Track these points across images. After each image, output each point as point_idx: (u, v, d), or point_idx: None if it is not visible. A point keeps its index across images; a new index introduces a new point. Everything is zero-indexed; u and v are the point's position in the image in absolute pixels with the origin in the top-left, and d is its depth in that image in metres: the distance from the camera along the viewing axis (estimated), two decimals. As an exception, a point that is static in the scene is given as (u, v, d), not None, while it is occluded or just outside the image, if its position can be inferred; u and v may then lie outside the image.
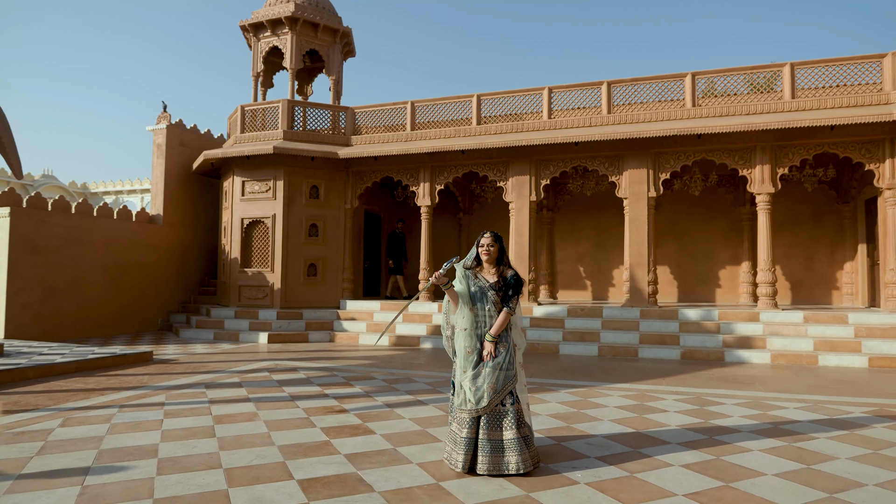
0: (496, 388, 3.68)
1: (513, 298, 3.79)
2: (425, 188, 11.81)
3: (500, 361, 3.72)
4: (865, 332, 8.77)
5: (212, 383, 6.74)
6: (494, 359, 3.73)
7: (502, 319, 3.75)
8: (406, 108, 12.12)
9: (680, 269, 12.59)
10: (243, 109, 12.51)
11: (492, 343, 3.75)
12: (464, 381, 3.76)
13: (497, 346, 3.76)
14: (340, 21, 13.06)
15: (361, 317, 11.67)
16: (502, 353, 3.75)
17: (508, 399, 3.71)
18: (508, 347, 3.78)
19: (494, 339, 3.75)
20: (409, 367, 8.19)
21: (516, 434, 3.63)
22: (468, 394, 3.71)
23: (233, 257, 12.11)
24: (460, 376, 3.81)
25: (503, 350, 3.75)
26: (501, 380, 3.69)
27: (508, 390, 3.72)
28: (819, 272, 11.71)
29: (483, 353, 3.77)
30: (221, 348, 10.03)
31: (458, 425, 3.76)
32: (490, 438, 3.63)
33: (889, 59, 9.18)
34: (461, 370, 3.82)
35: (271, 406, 5.57)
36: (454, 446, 3.75)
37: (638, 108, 10.55)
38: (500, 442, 3.63)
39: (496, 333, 3.75)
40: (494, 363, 3.72)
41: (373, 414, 5.30)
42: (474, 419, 3.70)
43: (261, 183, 12.00)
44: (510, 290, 3.80)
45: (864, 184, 10.64)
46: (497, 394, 3.68)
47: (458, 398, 3.79)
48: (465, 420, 3.71)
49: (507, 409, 3.70)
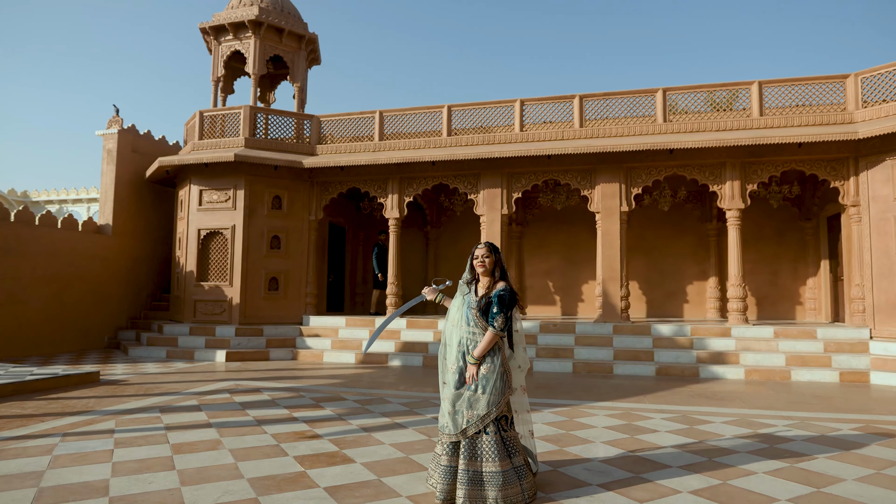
0: (475, 415, 3.38)
1: (497, 316, 3.45)
2: (394, 200, 11.46)
3: (483, 385, 3.42)
4: (834, 346, 8.84)
5: (167, 407, 6.17)
6: (476, 382, 3.43)
7: (487, 340, 3.44)
8: (374, 117, 11.78)
9: (648, 285, 12.59)
10: (202, 115, 11.93)
11: (474, 365, 3.45)
12: (444, 402, 3.50)
13: (480, 368, 3.45)
14: (306, 27, 12.67)
15: (326, 333, 11.16)
16: (485, 375, 3.44)
17: (491, 426, 3.39)
18: (495, 370, 3.46)
19: (477, 361, 3.45)
20: (381, 386, 7.77)
21: (498, 467, 3.30)
22: (446, 416, 3.44)
23: (188, 270, 11.43)
24: (443, 397, 3.55)
25: (487, 373, 3.44)
26: (482, 405, 3.38)
27: (492, 418, 3.39)
28: (783, 288, 11.88)
29: (466, 375, 3.48)
30: (175, 367, 9.36)
31: (441, 448, 3.47)
32: (469, 468, 3.32)
33: (852, 79, 9.42)
34: (444, 391, 3.57)
35: (236, 432, 5.08)
36: (435, 468, 3.48)
37: (610, 123, 10.52)
38: (479, 473, 3.31)
39: (479, 355, 3.45)
40: (476, 387, 3.42)
41: (349, 439, 4.88)
42: (453, 445, 3.40)
43: (220, 192, 11.40)
44: (494, 307, 3.47)
45: (827, 201, 10.87)
46: (477, 420, 3.37)
47: (440, 420, 3.52)
48: (446, 445, 3.43)
49: (489, 438, 3.37)
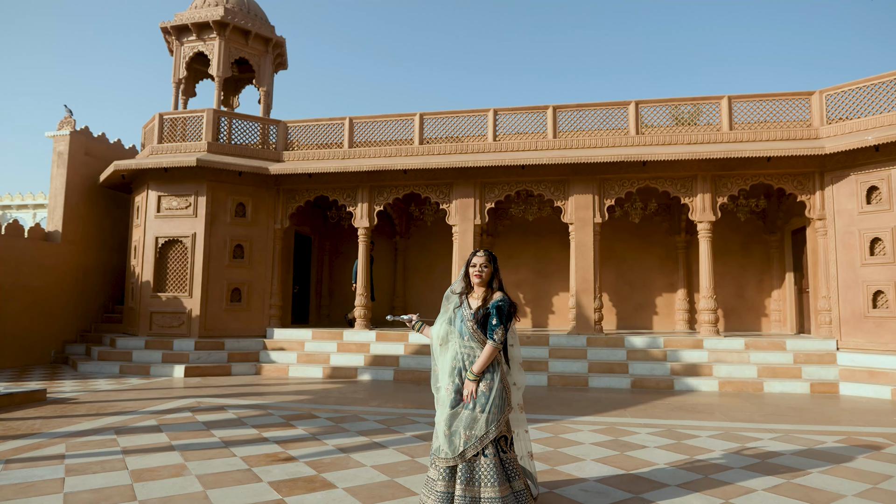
0: (474, 435, 3.13)
1: (497, 328, 3.22)
2: (363, 209, 11.14)
3: (483, 403, 3.18)
4: (804, 358, 8.96)
5: (123, 427, 5.69)
6: (475, 400, 3.19)
7: (487, 354, 3.21)
8: (344, 124, 11.48)
9: (618, 296, 12.60)
10: (162, 118, 11.38)
11: (473, 382, 3.21)
12: (439, 423, 3.23)
13: (479, 385, 3.22)
14: (273, 30, 12.31)
15: (291, 347, 10.71)
16: (485, 393, 3.20)
17: (490, 448, 3.15)
18: (494, 387, 3.23)
19: (476, 378, 3.21)
20: (353, 402, 7.43)
21: (498, 493, 3.06)
22: (441, 438, 3.18)
23: (144, 280, 10.82)
24: (438, 418, 3.27)
25: (486, 390, 3.21)
26: (481, 424, 3.14)
27: (491, 438, 3.16)
28: (749, 300, 12.07)
29: (463, 393, 3.23)
30: (130, 384, 8.78)
31: (435, 473, 3.20)
32: (466, 495, 3.07)
33: (817, 96, 9.66)
34: (440, 411, 3.29)
35: (202, 455, 4.68)
36: (428, 494, 3.19)
37: (583, 135, 10.51)
38: (476, 500, 3.07)
39: (478, 371, 3.21)
40: (475, 405, 3.18)
41: (327, 462, 4.55)
42: (450, 469, 3.14)
43: (180, 198, 10.87)
44: (493, 319, 3.24)
45: (791, 215, 11.11)
46: (476, 441, 3.13)
47: (435, 442, 3.24)
48: (441, 469, 3.16)
49: (488, 461, 3.13)
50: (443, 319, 3.42)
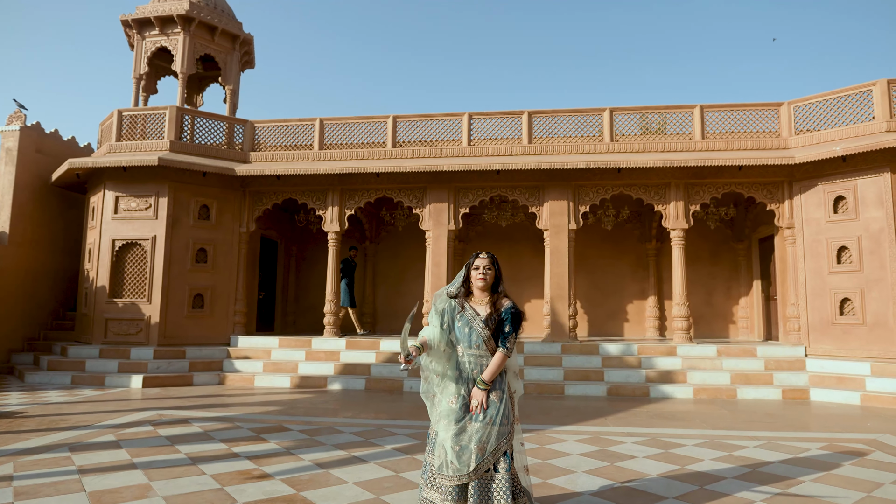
0: (487, 448, 2.92)
1: (510, 337, 3.06)
2: (334, 213, 10.83)
3: (493, 414, 2.97)
4: (774, 364, 9.06)
5: (78, 444, 5.26)
6: (486, 411, 2.98)
7: (497, 362, 3.02)
8: (314, 125, 11.15)
9: (590, 303, 12.59)
10: (121, 114, 10.83)
11: (483, 392, 3.00)
12: (446, 438, 2.97)
13: (489, 395, 3.01)
14: (241, 27, 11.90)
15: (257, 355, 10.28)
16: (495, 403, 3.00)
17: (502, 462, 2.96)
18: (503, 397, 3.04)
19: (487, 387, 3.01)
20: (325, 413, 7.11)
21: None
22: (450, 454, 2.92)
23: (99, 285, 10.23)
24: (443, 432, 3.00)
25: (496, 400, 3.01)
26: (493, 437, 2.94)
27: (503, 451, 2.97)
28: (717, 307, 12.22)
29: (471, 403, 3.01)
30: (84, 395, 8.22)
31: (438, 494, 2.96)
32: None
33: (785, 107, 9.86)
34: (444, 424, 3.02)
35: (168, 473, 4.33)
36: None
37: (558, 141, 10.46)
38: None
39: (490, 379, 3.01)
40: (486, 416, 2.96)
41: (305, 479, 4.26)
42: (460, 488, 2.91)
43: (139, 199, 10.34)
44: (506, 326, 3.07)
45: (758, 223, 11.30)
46: (488, 455, 2.92)
47: (438, 459, 2.98)
48: (449, 490, 2.92)
49: (501, 476, 2.94)
50: (435, 324, 3.19)
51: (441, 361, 3.13)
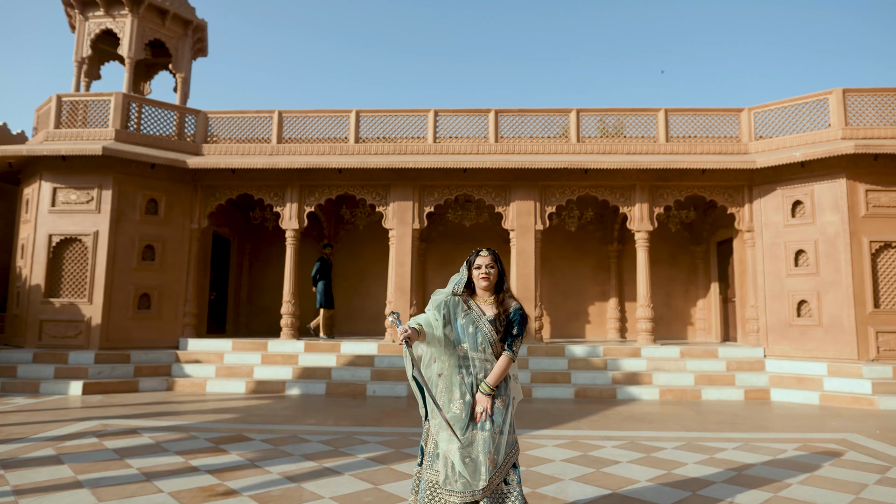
0: (498, 460, 2.67)
1: (516, 339, 2.84)
2: (293, 209, 10.36)
3: (500, 423, 2.73)
4: (736, 366, 9.20)
5: (12, 460, 4.70)
6: (491, 418, 2.72)
7: (503, 366, 2.78)
8: (272, 117, 10.65)
9: (552, 305, 12.54)
10: (60, 100, 10.04)
11: (488, 397, 2.75)
12: (451, 449, 2.68)
13: (495, 401, 2.77)
14: (194, 12, 11.27)
15: (209, 359, 9.69)
16: (501, 410, 2.76)
17: (513, 475, 2.73)
18: (508, 403, 2.81)
19: (492, 392, 2.76)
20: (286, 420, 6.70)
21: None
22: (458, 465, 2.63)
23: (33, 284, 9.42)
24: (446, 443, 2.71)
25: (502, 407, 2.77)
26: (503, 447, 2.71)
27: (513, 462, 2.74)
28: (676, 309, 12.39)
29: (476, 409, 2.75)
30: (15, 404, 7.50)
31: None
32: None
33: (745, 113, 10.06)
34: (447, 434, 2.71)
35: (120, 492, 3.88)
36: None
37: (525, 141, 10.35)
38: None
39: (494, 384, 2.76)
40: (493, 425, 2.71)
41: (276, 494, 3.90)
42: None
43: (80, 192, 9.59)
44: (515, 328, 2.84)
45: (717, 227, 11.52)
46: (500, 467, 2.68)
47: (441, 473, 2.69)
48: None
49: (513, 490, 2.70)
50: (437, 316, 2.88)
51: (445, 361, 2.84)
